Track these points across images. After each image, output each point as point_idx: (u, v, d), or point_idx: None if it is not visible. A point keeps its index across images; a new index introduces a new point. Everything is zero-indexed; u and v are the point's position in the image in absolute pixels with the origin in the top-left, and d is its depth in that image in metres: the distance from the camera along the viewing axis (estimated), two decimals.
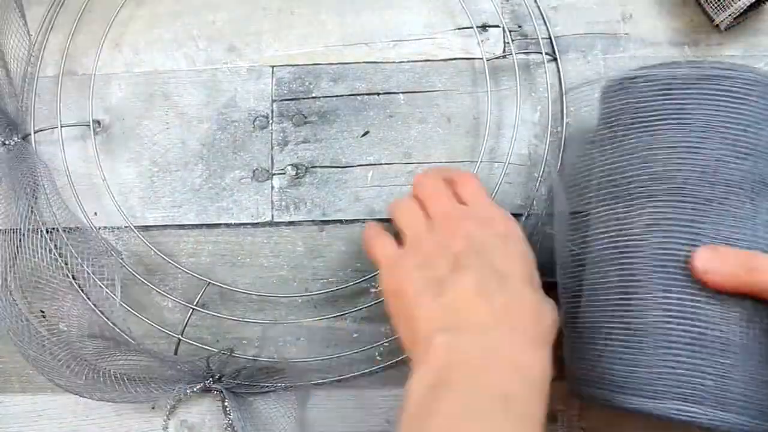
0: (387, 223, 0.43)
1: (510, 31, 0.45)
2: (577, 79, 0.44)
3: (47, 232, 0.41)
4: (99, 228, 0.43)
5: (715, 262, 0.29)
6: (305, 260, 0.43)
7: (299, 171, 0.44)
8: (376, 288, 0.42)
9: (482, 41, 0.45)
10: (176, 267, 0.42)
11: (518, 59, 0.44)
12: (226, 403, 0.40)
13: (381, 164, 0.44)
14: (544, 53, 0.43)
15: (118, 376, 0.38)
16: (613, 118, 0.33)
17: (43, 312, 0.43)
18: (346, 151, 0.44)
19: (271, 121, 0.44)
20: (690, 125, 0.31)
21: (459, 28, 0.45)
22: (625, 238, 0.31)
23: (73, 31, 0.45)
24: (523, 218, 0.42)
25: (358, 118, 0.44)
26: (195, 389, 0.39)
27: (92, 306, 0.42)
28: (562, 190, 0.36)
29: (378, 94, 0.44)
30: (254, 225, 0.43)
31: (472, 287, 0.29)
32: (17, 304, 0.41)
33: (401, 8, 0.45)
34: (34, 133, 0.44)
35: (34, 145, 0.43)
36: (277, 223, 0.43)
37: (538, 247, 0.39)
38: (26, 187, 0.41)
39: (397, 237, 0.35)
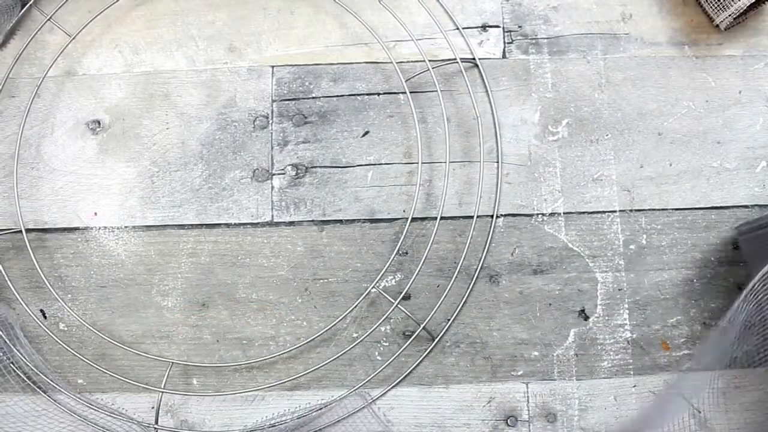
0: (386, 223, 0.43)
1: (510, 31, 0.45)
2: (578, 79, 0.44)
3: None
4: (99, 228, 0.43)
5: None
6: (305, 260, 0.43)
7: (299, 171, 0.44)
8: (377, 288, 0.42)
9: (482, 41, 0.45)
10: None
11: (520, 59, 0.44)
12: None
13: (381, 164, 0.44)
14: (459, 61, 0.43)
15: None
16: None
17: (43, 312, 0.43)
18: (346, 151, 0.44)
19: (271, 121, 0.44)
20: None
21: (459, 28, 0.45)
22: None
23: (74, 31, 0.45)
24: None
25: (358, 118, 0.44)
26: None
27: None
28: None
29: (378, 94, 0.44)
30: (254, 225, 0.43)
31: None
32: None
33: (401, 8, 0.45)
34: None
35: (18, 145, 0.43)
36: (277, 223, 0.43)
37: None
38: None
39: None
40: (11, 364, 0.41)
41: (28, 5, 0.45)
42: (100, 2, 0.45)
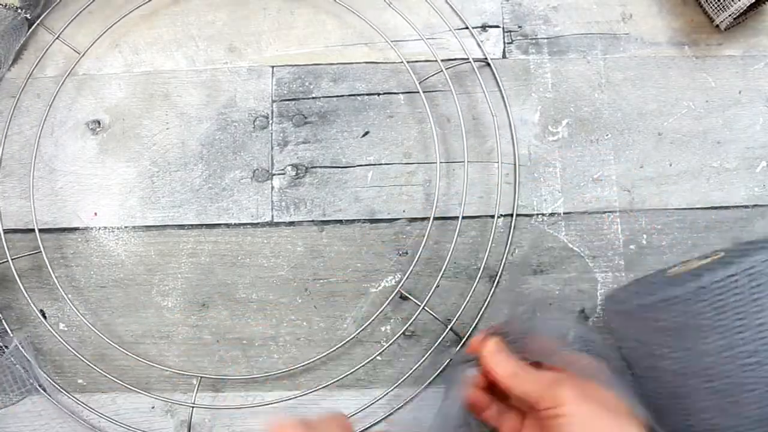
0: (386, 223, 0.43)
1: (510, 31, 0.45)
2: (578, 79, 0.44)
3: None
4: (99, 228, 0.43)
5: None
6: (305, 260, 0.43)
7: (299, 171, 0.44)
8: (377, 288, 0.42)
9: (482, 41, 0.45)
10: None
11: (520, 59, 0.44)
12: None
13: (381, 164, 0.44)
14: (472, 60, 0.43)
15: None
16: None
17: (43, 312, 0.43)
18: (346, 151, 0.44)
19: (271, 122, 0.44)
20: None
21: (459, 29, 0.45)
22: None
23: (73, 31, 0.45)
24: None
25: (358, 118, 0.44)
26: None
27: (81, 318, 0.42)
28: None
29: (378, 94, 0.44)
30: (254, 225, 0.43)
31: None
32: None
33: (401, 8, 0.45)
34: None
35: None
36: (277, 223, 0.43)
37: None
38: None
39: None
40: (38, 387, 0.41)
41: (35, 25, 0.45)
42: (107, 15, 0.46)
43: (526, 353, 0.34)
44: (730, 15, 0.41)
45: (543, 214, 0.43)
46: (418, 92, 0.43)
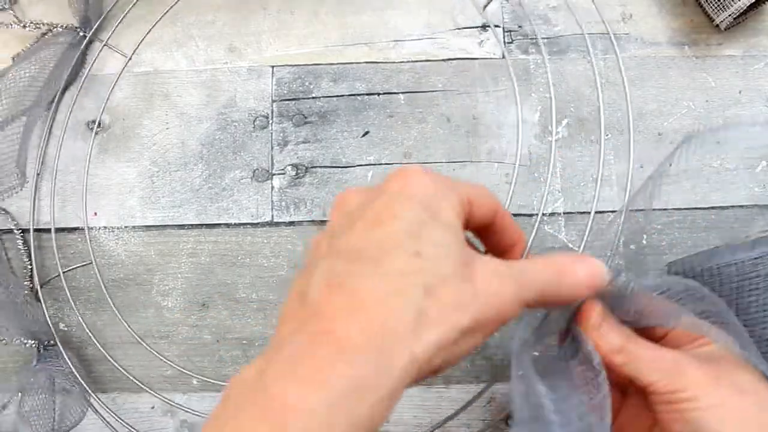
0: None
1: (510, 31, 0.45)
2: (578, 79, 0.44)
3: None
4: (99, 228, 0.43)
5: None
6: (305, 260, 0.43)
7: (299, 171, 0.44)
8: None
9: (482, 41, 0.45)
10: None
11: (520, 59, 0.44)
12: None
13: (381, 164, 0.44)
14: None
15: None
16: None
17: (43, 312, 0.43)
18: (346, 151, 0.44)
19: (271, 121, 0.44)
20: None
21: (459, 28, 0.45)
22: None
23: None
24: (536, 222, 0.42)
25: (358, 118, 0.44)
26: None
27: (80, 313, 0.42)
28: None
29: (378, 94, 0.44)
30: (254, 225, 0.43)
31: (295, 291, 0.23)
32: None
33: (401, 8, 0.45)
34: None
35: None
36: (277, 223, 0.43)
37: None
38: None
39: None
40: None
41: (87, 38, 0.45)
42: (144, 19, 0.46)
43: (635, 317, 0.29)
44: (730, 15, 0.41)
45: (543, 214, 0.43)
46: (490, 26, 0.42)
